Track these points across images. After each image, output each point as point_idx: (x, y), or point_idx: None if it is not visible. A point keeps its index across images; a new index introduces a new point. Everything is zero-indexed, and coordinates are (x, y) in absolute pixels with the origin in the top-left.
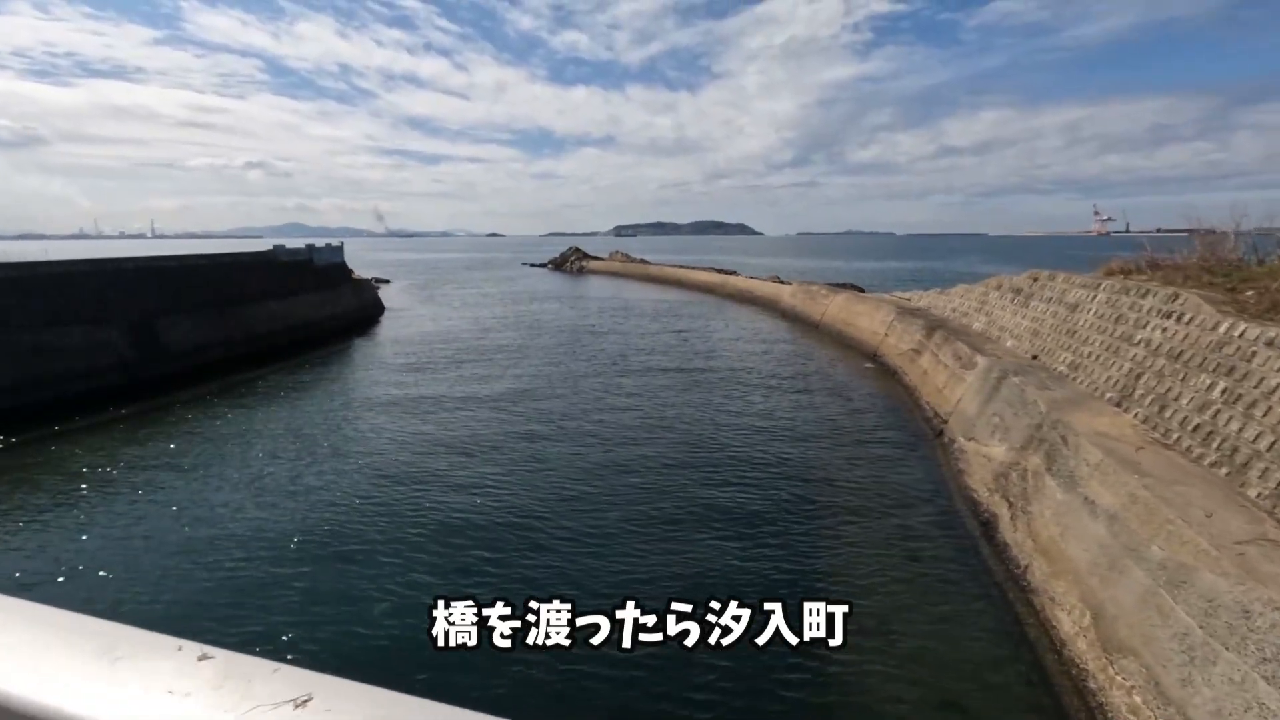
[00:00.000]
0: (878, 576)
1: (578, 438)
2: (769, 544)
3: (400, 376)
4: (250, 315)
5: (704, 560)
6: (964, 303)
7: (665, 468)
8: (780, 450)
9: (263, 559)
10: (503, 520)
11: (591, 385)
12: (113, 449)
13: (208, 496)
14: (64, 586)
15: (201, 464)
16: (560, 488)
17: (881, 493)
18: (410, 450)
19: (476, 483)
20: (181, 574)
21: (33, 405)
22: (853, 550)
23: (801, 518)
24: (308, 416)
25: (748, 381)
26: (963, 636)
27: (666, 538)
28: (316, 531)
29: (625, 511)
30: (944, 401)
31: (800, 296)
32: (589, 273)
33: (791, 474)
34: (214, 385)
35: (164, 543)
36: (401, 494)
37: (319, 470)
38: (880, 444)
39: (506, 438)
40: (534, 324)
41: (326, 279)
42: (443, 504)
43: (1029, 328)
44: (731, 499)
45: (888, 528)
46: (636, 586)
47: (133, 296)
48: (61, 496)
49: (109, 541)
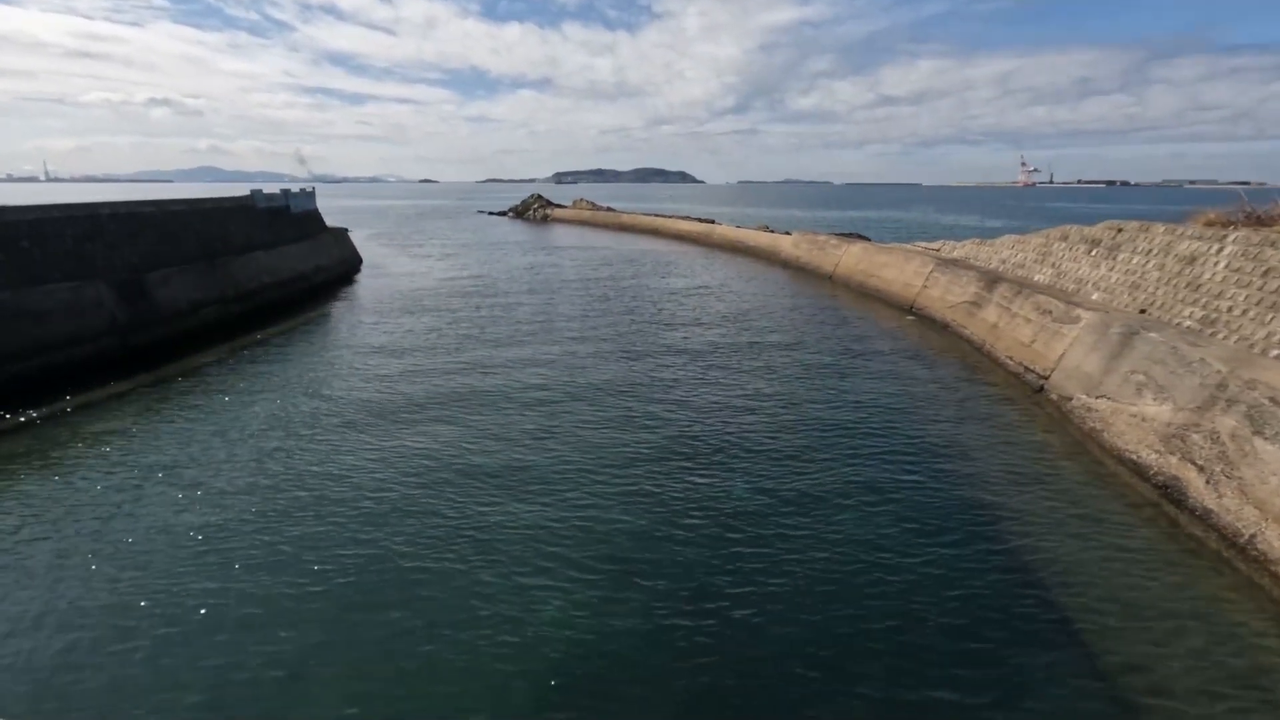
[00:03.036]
0: (1076, 552)
1: (683, 422)
2: (933, 530)
3: (425, 339)
4: (240, 269)
5: (885, 566)
6: (1017, 254)
7: (778, 450)
8: (878, 419)
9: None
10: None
11: (650, 351)
12: (118, 436)
13: (236, 505)
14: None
15: (221, 459)
16: (689, 480)
17: (1010, 456)
18: (476, 434)
19: (585, 490)
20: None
21: (17, 379)
22: (1025, 523)
23: (944, 492)
24: (342, 392)
25: (798, 342)
26: (1206, 610)
27: (833, 526)
28: (391, 564)
29: (773, 499)
30: (1036, 357)
31: (805, 247)
32: (554, 221)
33: (904, 443)
34: (216, 352)
35: (181, 565)
36: (488, 504)
37: (371, 473)
38: (972, 402)
39: (599, 426)
40: (538, 278)
41: (305, 228)
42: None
43: (1122, 281)
44: (862, 475)
45: (1044, 494)
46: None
47: (114, 248)
48: (59, 508)
49: (120, 564)
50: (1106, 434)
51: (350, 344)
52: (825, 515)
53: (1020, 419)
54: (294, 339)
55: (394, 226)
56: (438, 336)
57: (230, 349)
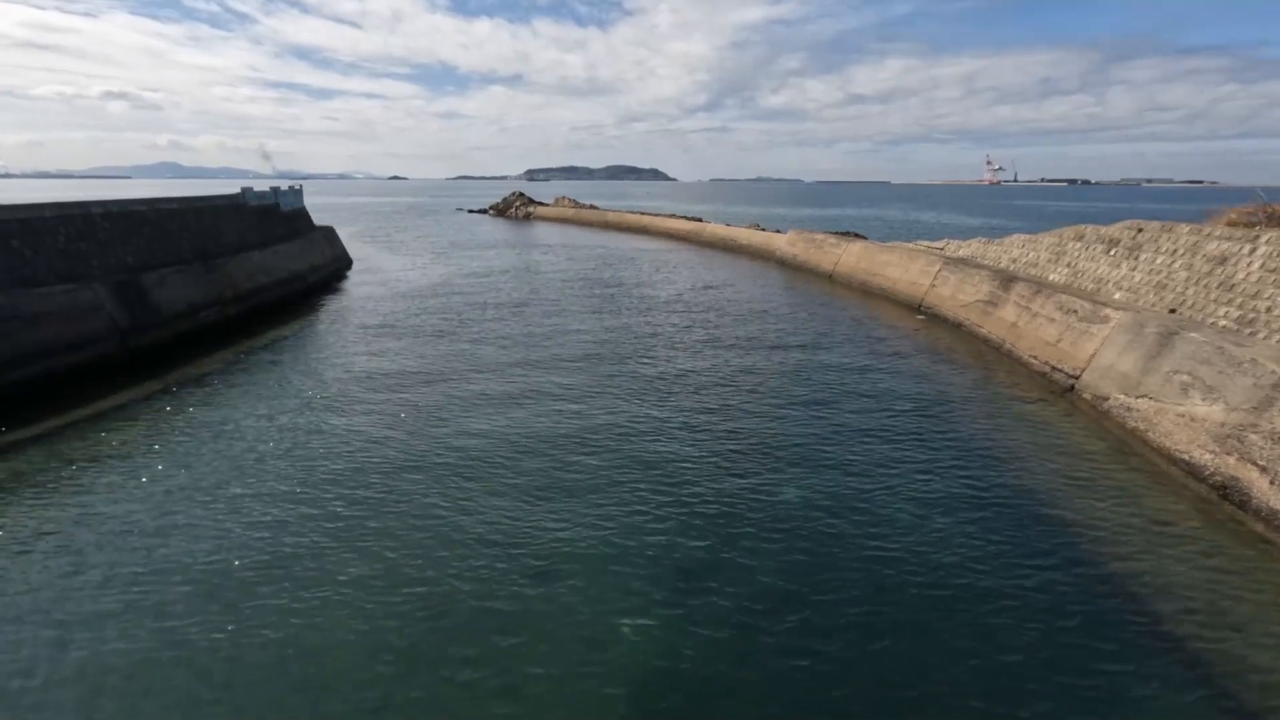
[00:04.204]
0: (1147, 555)
1: (722, 429)
2: (1000, 534)
3: (438, 344)
4: (236, 269)
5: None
6: (1028, 253)
7: (823, 456)
8: (915, 421)
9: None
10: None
11: (673, 356)
12: (132, 451)
13: (273, 529)
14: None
15: (247, 475)
16: (734, 481)
17: (1056, 458)
18: (511, 446)
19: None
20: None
21: (17, 386)
22: (1091, 526)
23: (1003, 496)
24: (363, 403)
25: (818, 343)
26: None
27: (880, 540)
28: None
29: (813, 517)
30: (1064, 356)
31: (801, 245)
32: (536, 219)
33: (948, 446)
34: (220, 357)
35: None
36: (532, 518)
37: (396, 483)
38: (1004, 401)
39: (635, 434)
40: (540, 279)
41: (295, 226)
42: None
43: (1147, 281)
44: (912, 482)
45: (1103, 496)
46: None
47: (108, 248)
48: (80, 526)
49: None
50: (1152, 434)
51: (361, 350)
52: (885, 523)
53: (1057, 419)
54: (300, 343)
55: (374, 224)
56: (451, 341)
57: (234, 353)
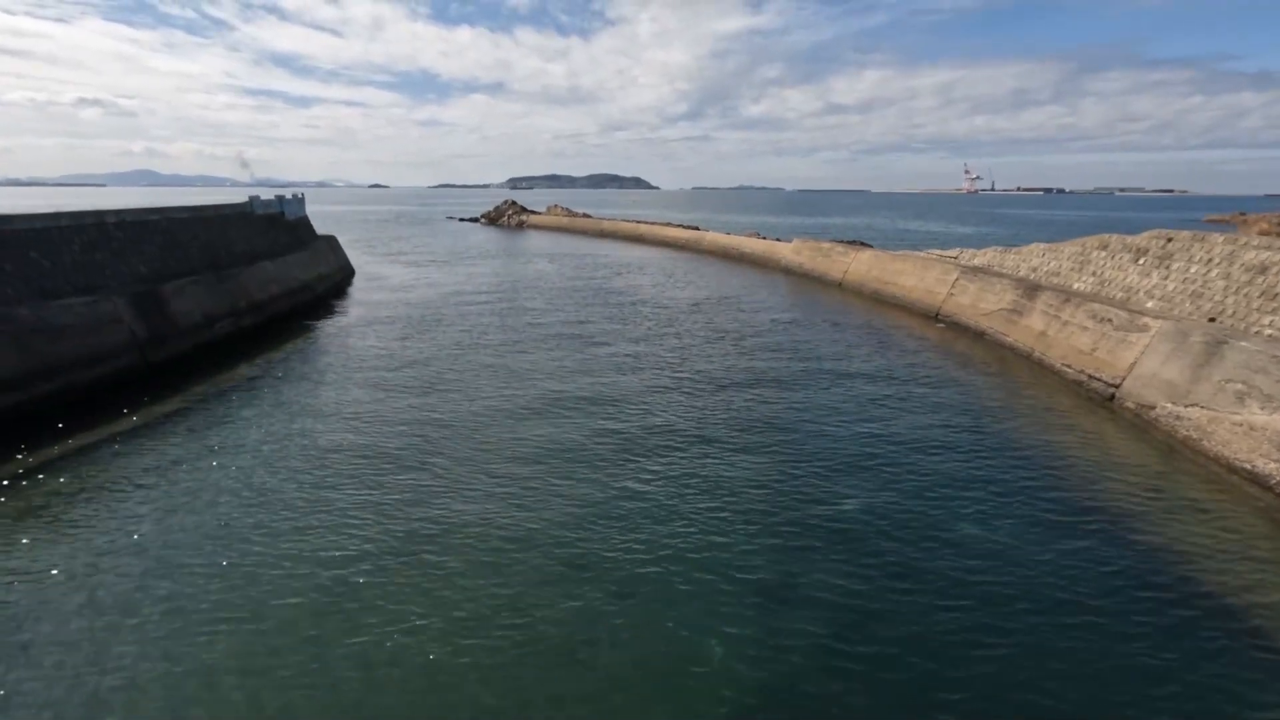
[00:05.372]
0: (1234, 567)
1: (773, 442)
2: (1079, 544)
3: (463, 359)
4: (249, 279)
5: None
6: (1049, 262)
7: (877, 469)
8: (963, 432)
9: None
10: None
11: (709, 370)
12: (170, 468)
13: (326, 545)
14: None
15: (285, 490)
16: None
17: (1113, 467)
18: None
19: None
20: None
21: (41, 401)
22: (1168, 537)
23: (1053, 507)
24: (386, 418)
25: (847, 356)
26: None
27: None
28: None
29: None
30: (1101, 365)
31: (808, 254)
32: (529, 228)
33: (1003, 457)
34: (240, 369)
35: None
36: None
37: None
38: (1045, 410)
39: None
40: (552, 288)
41: (299, 235)
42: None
43: (1181, 290)
44: (976, 494)
45: (1171, 506)
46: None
47: (122, 258)
48: (113, 559)
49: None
50: (1207, 443)
51: (384, 364)
52: (948, 534)
53: (1101, 427)
54: (318, 355)
55: (367, 233)
56: (476, 354)
57: (253, 367)
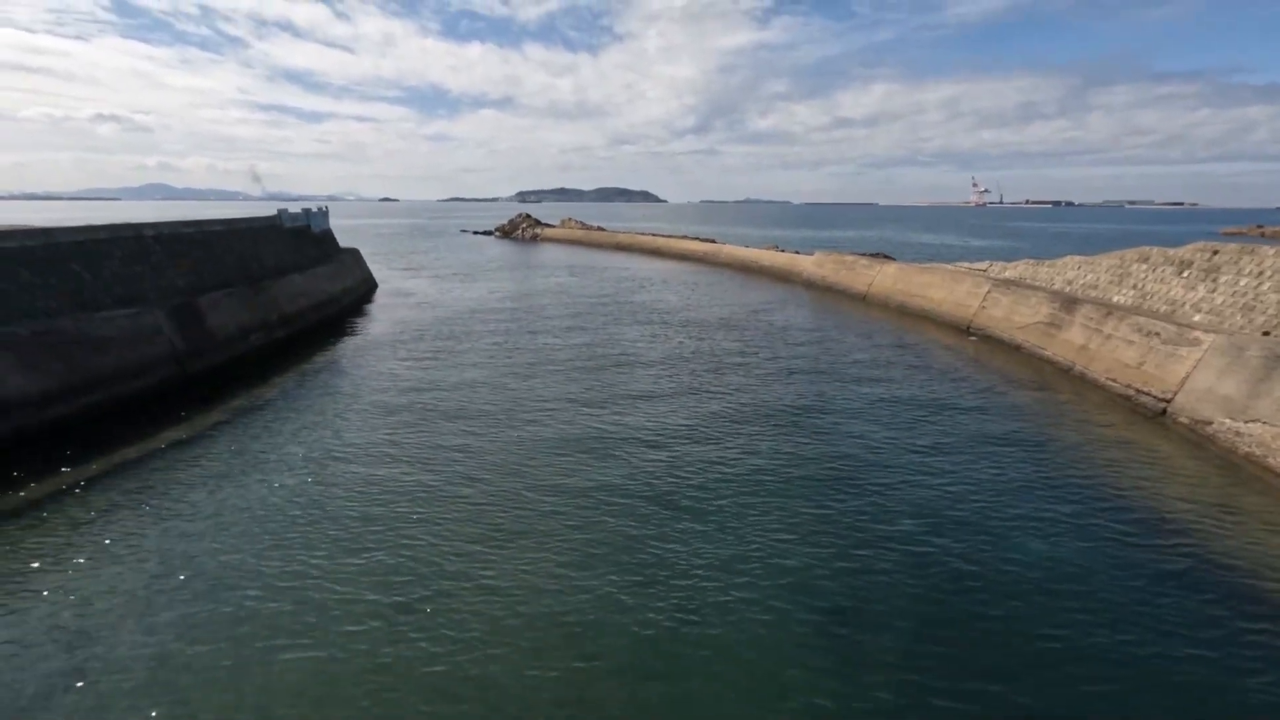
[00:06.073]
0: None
1: (820, 456)
2: (1135, 570)
3: (495, 371)
4: (280, 291)
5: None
6: (1085, 275)
7: (931, 487)
8: (1014, 449)
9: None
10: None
11: (747, 383)
12: (209, 485)
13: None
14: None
15: (338, 501)
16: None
17: (1166, 485)
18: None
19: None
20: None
21: (85, 413)
22: (1228, 556)
23: (1120, 524)
24: (427, 435)
25: (886, 375)
26: None
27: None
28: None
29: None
30: (1150, 380)
31: (831, 267)
32: (544, 240)
33: (1062, 476)
34: (276, 382)
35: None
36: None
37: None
38: (1095, 427)
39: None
40: (580, 303)
41: (325, 248)
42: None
43: (1230, 303)
44: (1042, 514)
45: (1242, 524)
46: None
47: (160, 271)
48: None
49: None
50: (1273, 460)
51: (420, 379)
52: (1016, 554)
53: (1155, 443)
54: (352, 368)
55: (384, 246)
56: (510, 369)
57: (288, 379)
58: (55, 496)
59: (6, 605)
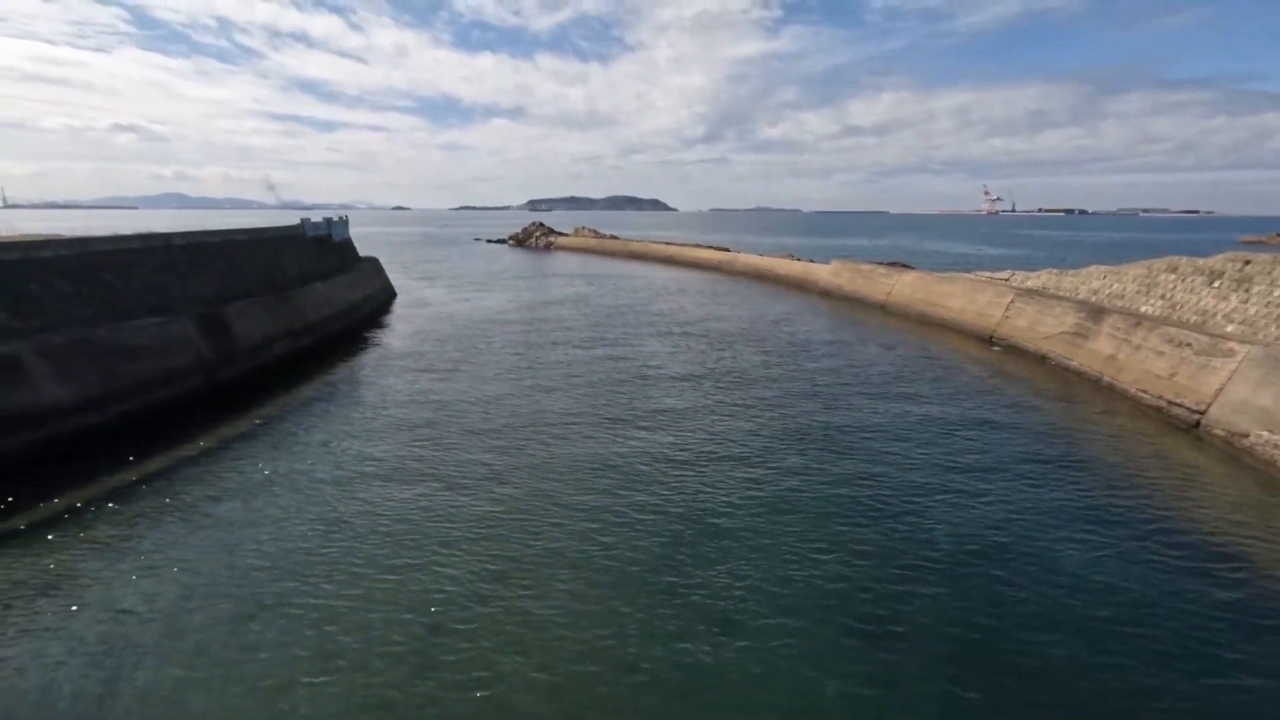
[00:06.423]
0: None
1: (852, 472)
2: (1181, 589)
3: (510, 379)
4: (304, 300)
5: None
6: (1111, 285)
7: (960, 501)
8: (1047, 462)
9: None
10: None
11: (772, 394)
12: (242, 495)
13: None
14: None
15: (375, 509)
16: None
17: (1207, 500)
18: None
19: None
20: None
21: (117, 421)
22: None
23: (1161, 539)
24: (460, 448)
25: (914, 390)
26: None
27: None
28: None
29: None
30: (1182, 391)
31: (847, 276)
32: (558, 249)
33: (1091, 486)
34: (304, 389)
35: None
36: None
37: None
38: (1127, 439)
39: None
40: (599, 312)
41: (345, 257)
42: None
43: (1264, 314)
44: (1065, 525)
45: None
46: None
47: (186, 280)
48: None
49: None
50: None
51: (446, 388)
52: (1051, 568)
53: (1191, 455)
54: (380, 378)
55: (399, 254)
56: (533, 381)
57: (312, 388)
58: (91, 505)
59: (45, 616)
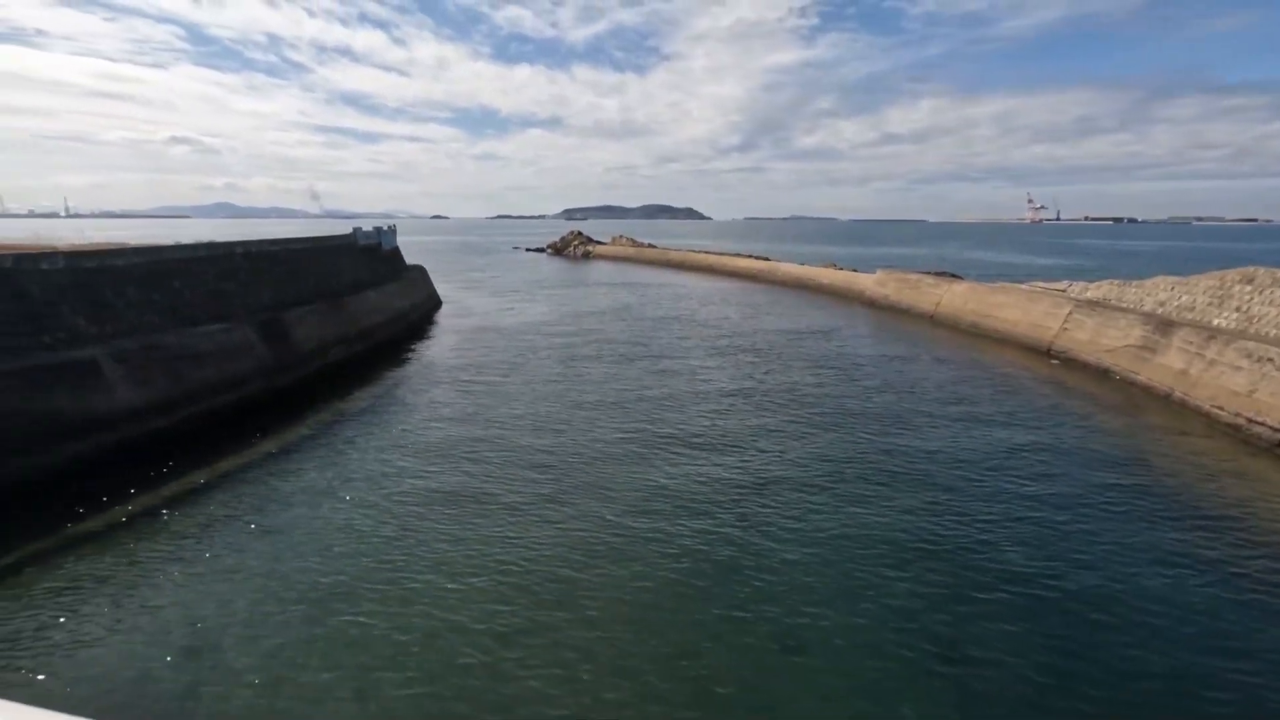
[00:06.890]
0: None
1: (927, 490)
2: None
3: (560, 389)
4: (357, 307)
5: None
6: (1179, 296)
7: (1036, 519)
8: (1123, 483)
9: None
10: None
11: (827, 408)
12: (308, 501)
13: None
14: None
15: (445, 500)
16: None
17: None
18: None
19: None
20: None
21: (184, 425)
22: None
23: (1260, 566)
24: (501, 453)
25: (973, 411)
26: None
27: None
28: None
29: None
30: (1264, 408)
31: (894, 286)
32: (596, 258)
33: (1173, 508)
34: (353, 397)
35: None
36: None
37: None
38: (1207, 459)
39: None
40: (635, 316)
41: (394, 265)
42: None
43: None
44: (1147, 549)
45: None
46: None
47: (248, 288)
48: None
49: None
50: None
51: (497, 401)
52: (1137, 593)
53: (1277, 478)
54: (433, 385)
55: (440, 263)
56: (582, 391)
57: (368, 394)
58: (162, 507)
59: (124, 618)
